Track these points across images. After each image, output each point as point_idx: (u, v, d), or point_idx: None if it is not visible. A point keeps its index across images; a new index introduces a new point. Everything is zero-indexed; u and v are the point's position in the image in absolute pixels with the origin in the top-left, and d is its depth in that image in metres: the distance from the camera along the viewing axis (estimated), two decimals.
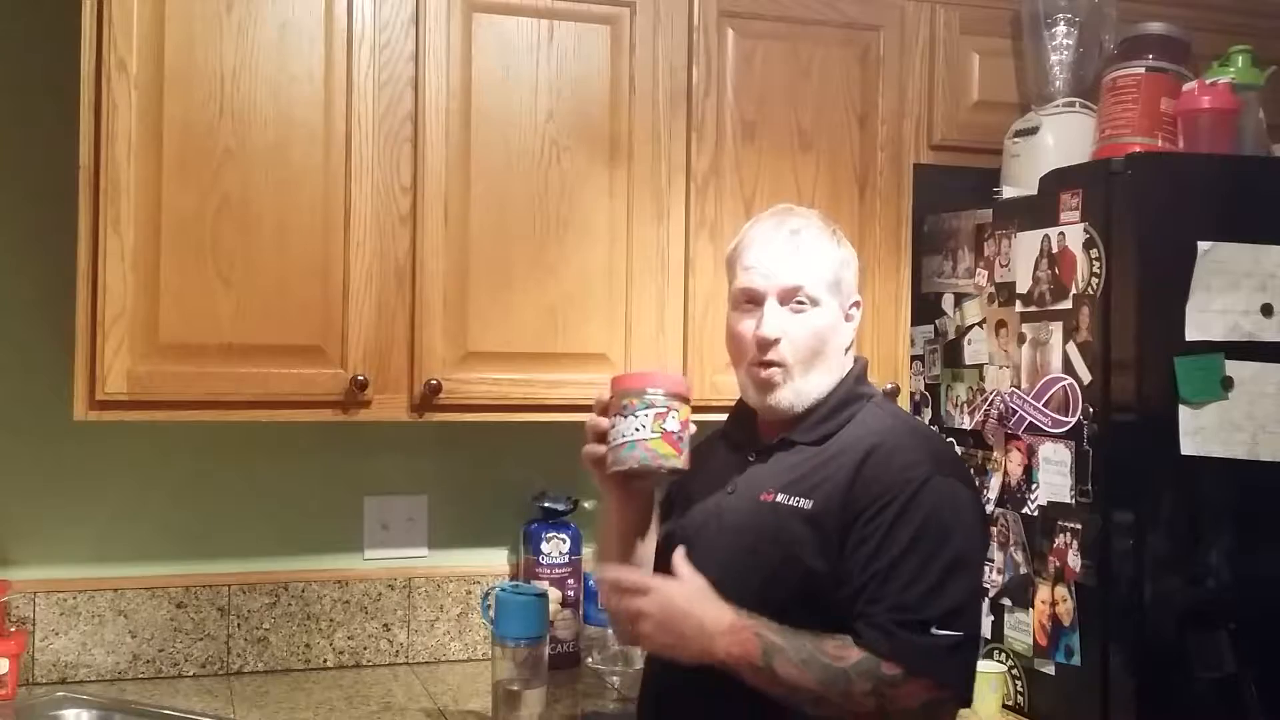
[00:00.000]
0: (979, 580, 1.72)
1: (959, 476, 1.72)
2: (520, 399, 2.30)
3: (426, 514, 2.62)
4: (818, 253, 1.78)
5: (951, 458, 1.80)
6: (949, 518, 1.64)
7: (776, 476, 1.75)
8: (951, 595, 1.62)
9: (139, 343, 2.08)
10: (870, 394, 1.82)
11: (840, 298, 1.79)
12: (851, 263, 1.83)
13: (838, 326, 1.79)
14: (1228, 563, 2.12)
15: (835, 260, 1.79)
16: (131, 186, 2.07)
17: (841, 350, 1.80)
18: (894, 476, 1.65)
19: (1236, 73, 2.27)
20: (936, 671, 1.61)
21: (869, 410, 1.78)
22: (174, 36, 2.10)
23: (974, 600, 1.69)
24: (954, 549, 1.63)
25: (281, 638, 2.51)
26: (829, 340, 1.77)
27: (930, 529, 1.63)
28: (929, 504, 1.64)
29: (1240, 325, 2.12)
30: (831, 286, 1.77)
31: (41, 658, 2.37)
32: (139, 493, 2.45)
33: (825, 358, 1.77)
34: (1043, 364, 2.25)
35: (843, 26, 2.48)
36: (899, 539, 1.62)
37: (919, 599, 1.60)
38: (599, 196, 2.34)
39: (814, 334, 1.75)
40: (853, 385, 1.80)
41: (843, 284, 1.79)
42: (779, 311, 1.75)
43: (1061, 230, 2.22)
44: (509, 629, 2.19)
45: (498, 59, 2.28)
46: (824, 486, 1.69)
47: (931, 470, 1.66)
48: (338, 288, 2.19)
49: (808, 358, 1.75)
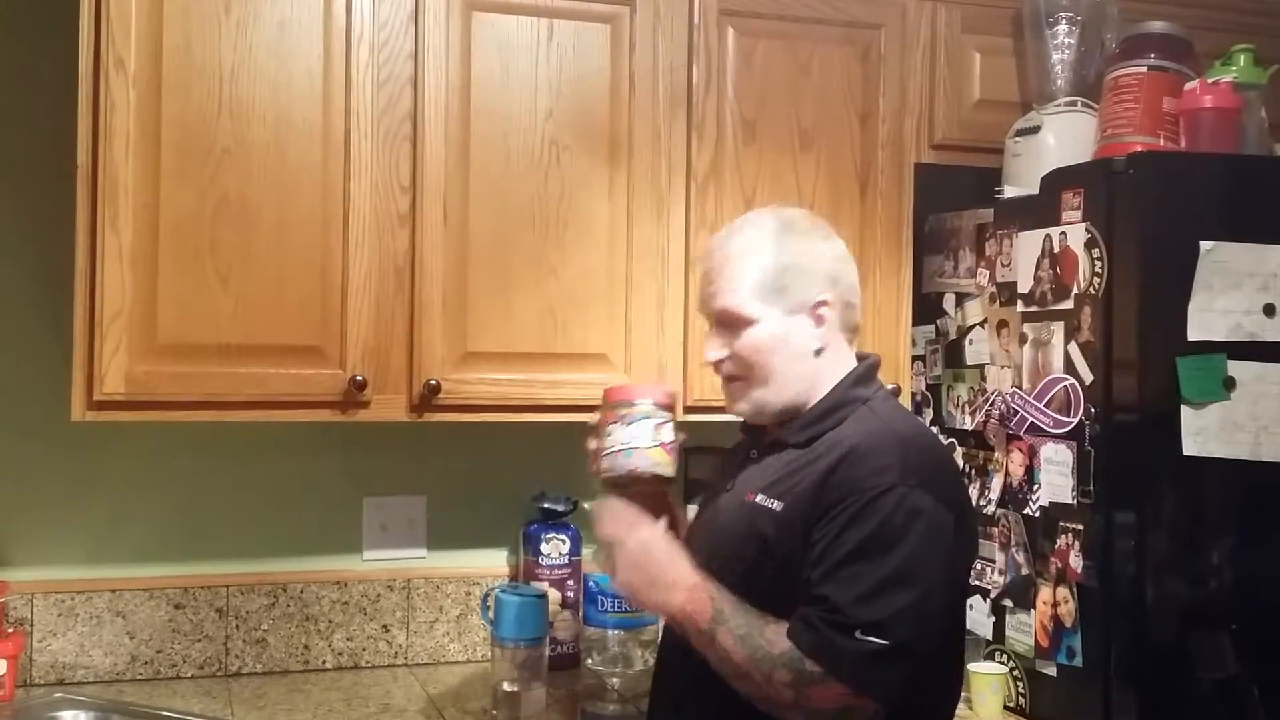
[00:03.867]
0: (925, 596, 1.62)
1: (931, 490, 1.64)
2: (520, 399, 2.29)
3: (426, 515, 2.62)
4: (742, 270, 1.75)
5: (927, 468, 1.69)
6: (901, 529, 1.61)
7: (762, 477, 1.76)
8: (885, 605, 1.58)
9: (137, 343, 2.07)
10: (865, 397, 1.77)
11: (786, 302, 1.74)
12: (803, 263, 1.75)
13: (788, 334, 1.75)
14: (1230, 563, 2.11)
15: (770, 268, 1.74)
16: (129, 185, 2.06)
17: (804, 355, 1.75)
18: (857, 481, 1.64)
19: (1239, 72, 2.26)
20: (852, 677, 1.58)
21: (860, 413, 1.75)
22: (172, 35, 2.09)
23: (911, 614, 1.60)
24: (898, 560, 1.60)
25: (280, 639, 2.50)
26: (777, 350, 1.74)
27: (879, 537, 1.60)
28: (884, 512, 1.61)
29: (1242, 325, 2.11)
30: (769, 296, 1.74)
31: (39, 659, 2.36)
32: (137, 493, 2.44)
33: (777, 368, 1.75)
34: (1044, 364, 2.25)
35: (843, 25, 2.47)
36: (846, 542, 1.61)
37: (851, 602, 1.59)
38: (599, 196, 2.33)
39: (754, 350, 1.75)
40: (848, 388, 1.77)
41: (789, 289, 1.74)
42: (718, 334, 1.78)
43: (1063, 230, 2.21)
44: (508, 630, 2.19)
45: (497, 58, 2.27)
46: (796, 489, 1.69)
47: (896, 479, 1.62)
48: (336, 287, 2.18)
49: (758, 371, 1.75)
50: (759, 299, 1.74)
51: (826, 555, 1.62)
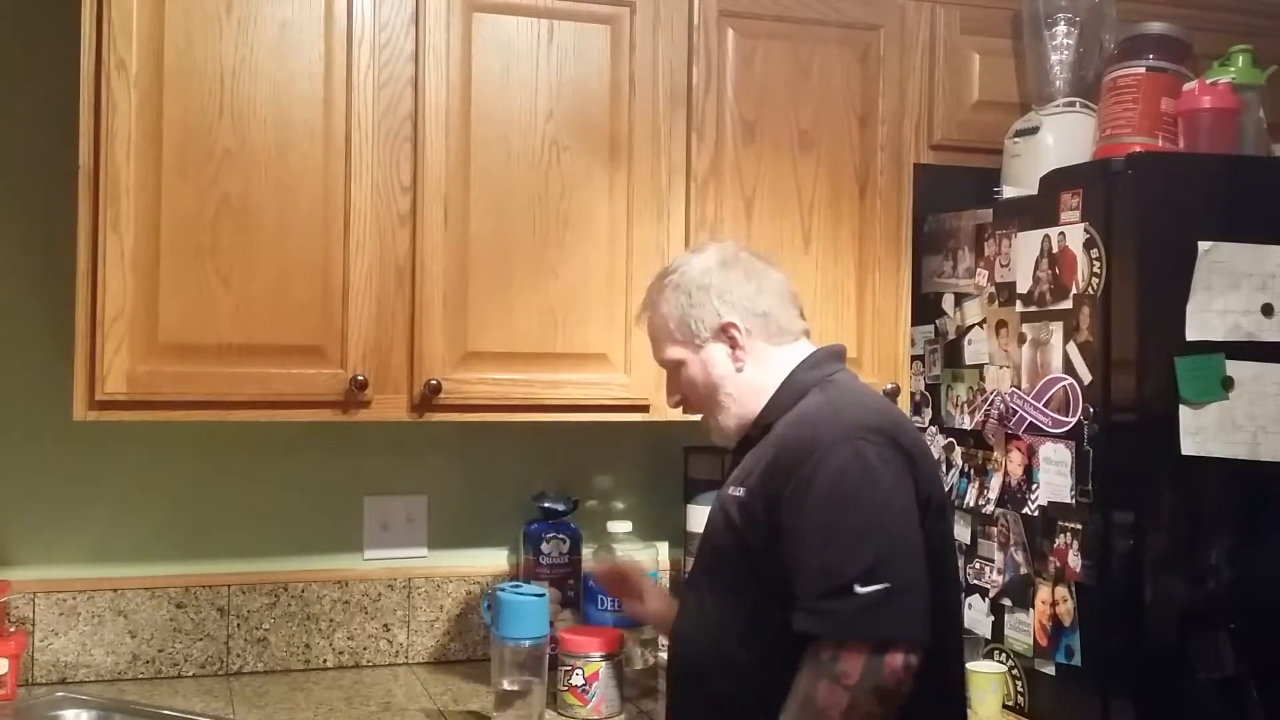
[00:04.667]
0: (902, 530, 1.66)
1: (873, 439, 1.68)
2: (520, 399, 2.30)
3: (426, 514, 2.62)
4: (654, 326, 1.93)
5: (862, 418, 1.73)
6: (852, 478, 1.65)
7: (735, 472, 1.85)
8: (867, 551, 1.62)
9: (138, 343, 2.08)
10: (818, 379, 1.83)
11: (695, 337, 1.87)
12: (693, 301, 1.87)
13: (708, 364, 1.86)
14: (1228, 563, 2.12)
15: (670, 314, 1.89)
16: (131, 186, 2.07)
17: (729, 376, 1.86)
18: (799, 452, 1.70)
19: (1237, 72, 2.27)
20: (872, 628, 1.60)
21: (813, 393, 1.81)
22: (173, 36, 2.10)
23: (899, 550, 1.64)
24: (860, 507, 1.64)
25: (281, 638, 2.50)
26: (707, 380, 1.87)
27: (832, 494, 1.65)
28: (830, 472, 1.66)
29: (1241, 325, 2.11)
30: (680, 338, 1.88)
31: (41, 658, 2.37)
32: (138, 493, 2.44)
33: (716, 395, 1.87)
34: (1043, 364, 2.25)
35: (843, 26, 2.48)
36: (807, 515, 1.66)
37: (833, 564, 1.62)
38: (599, 196, 2.34)
39: (693, 387, 1.89)
40: (800, 374, 1.85)
41: (691, 324, 1.86)
42: (669, 380, 1.94)
43: (1062, 230, 2.22)
44: (508, 629, 2.19)
45: (498, 59, 2.28)
46: (754, 472, 1.77)
47: (833, 439, 1.68)
48: (337, 288, 2.19)
49: (704, 403, 1.89)
50: (675, 343, 1.89)
51: (795, 535, 1.67)
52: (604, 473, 2.71)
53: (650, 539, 2.67)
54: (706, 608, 1.83)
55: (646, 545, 2.64)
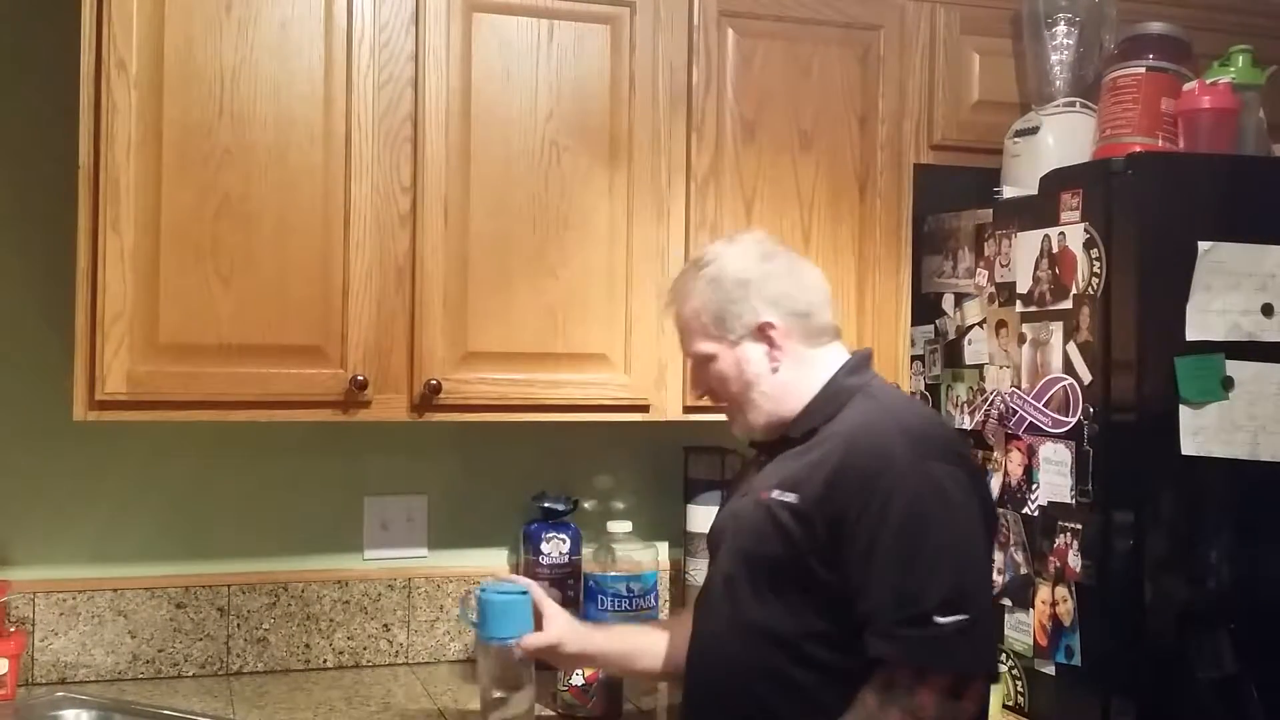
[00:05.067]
0: (976, 556, 1.70)
1: (939, 458, 1.70)
2: (520, 399, 2.30)
3: (426, 514, 2.62)
4: (685, 317, 1.88)
5: (930, 440, 1.73)
6: (928, 504, 1.64)
7: (774, 475, 1.81)
8: (944, 580, 1.61)
9: (139, 343, 2.08)
10: (859, 385, 1.82)
11: (729, 333, 1.83)
12: (733, 295, 1.83)
13: (742, 361, 1.83)
14: (1228, 563, 2.12)
15: (704, 308, 1.84)
16: (131, 186, 2.07)
17: (763, 375, 1.83)
18: (868, 472, 1.67)
19: (1237, 72, 2.27)
20: (951, 661, 1.61)
21: (858, 400, 1.79)
22: (174, 36, 2.10)
23: (973, 578, 1.67)
24: (938, 534, 1.64)
25: (281, 638, 2.50)
26: (737, 378, 1.84)
27: (910, 521, 1.63)
28: (907, 496, 1.64)
29: (1241, 325, 2.11)
30: (714, 333, 1.84)
31: (41, 658, 2.37)
32: (139, 493, 2.44)
33: (744, 393, 1.84)
34: (1043, 364, 2.25)
35: (843, 26, 2.48)
36: (882, 538, 1.64)
37: (912, 593, 1.61)
38: (599, 196, 2.34)
39: (721, 382, 1.86)
40: (840, 380, 1.83)
41: (727, 318, 1.83)
42: (695, 372, 1.90)
43: (1062, 230, 2.22)
44: (492, 629, 2.06)
45: (498, 59, 2.28)
46: (808, 480, 1.73)
47: (904, 461, 1.66)
48: (337, 288, 2.19)
49: (732, 399, 1.86)
50: (707, 337, 1.85)
51: (870, 559, 1.64)
52: (604, 473, 2.71)
53: (650, 539, 2.67)
54: (747, 615, 1.77)
55: (646, 545, 2.64)
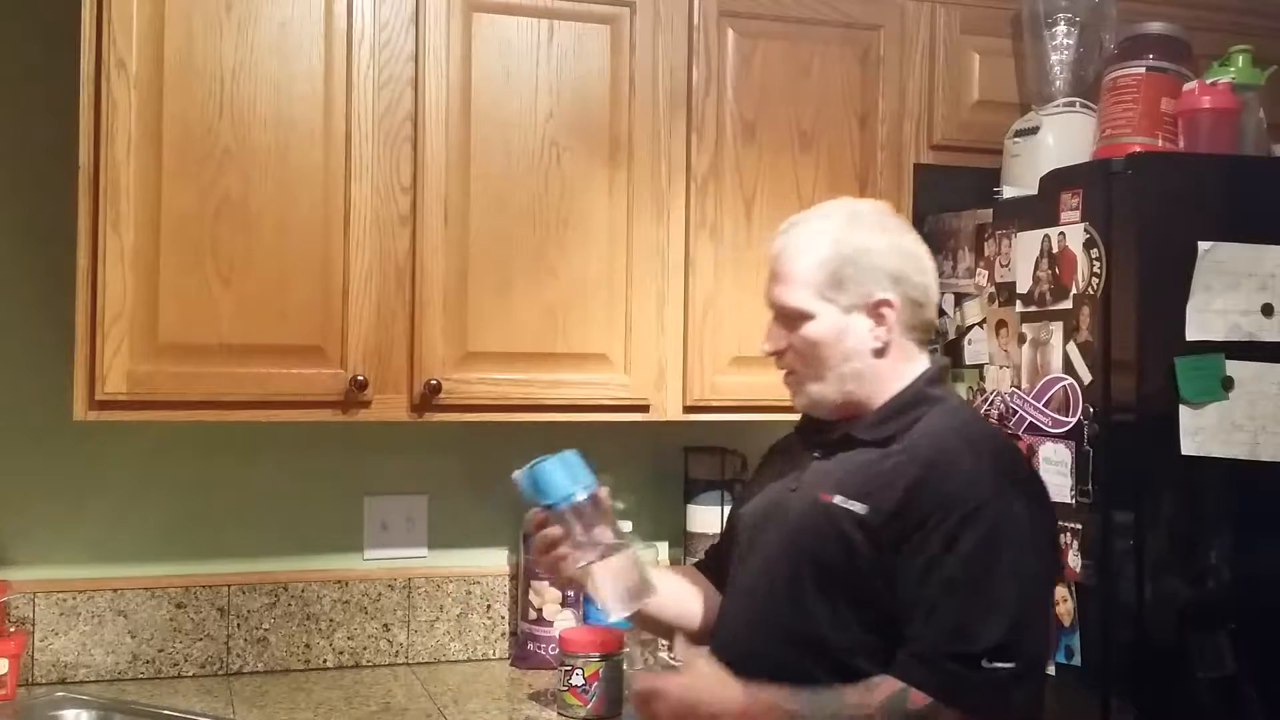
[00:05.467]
0: (1040, 606, 1.64)
1: (1024, 494, 1.64)
2: (520, 399, 2.30)
3: (426, 514, 2.62)
4: (801, 265, 1.73)
5: (1017, 474, 1.69)
6: (1004, 543, 1.58)
7: (836, 476, 1.72)
8: (1002, 624, 1.56)
9: (139, 343, 2.08)
10: (940, 397, 1.75)
11: (845, 298, 1.71)
12: (863, 259, 1.71)
13: (843, 331, 1.72)
14: (1228, 563, 2.11)
15: (829, 263, 1.71)
16: (131, 186, 2.07)
17: (861, 353, 1.72)
18: (950, 495, 1.60)
19: (1237, 73, 2.27)
20: (989, 708, 1.56)
21: (937, 414, 1.71)
22: (173, 36, 2.10)
23: (1032, 628, 1.60)
24: (1006, 575, 1.57)
25: (281, 638, 2.50)
26: (832, 346, 1.72)
27: (982, 555, 1.57)
28: (983, 529, 1.57)
29: (1240, 325, 2.11)
30: (826, 290, 1.71)
31: (41, 658, 2.37)
32: (139, 493, 2.44)
33: (831, 364, 1.72)
34: (1043, 364, 2.25)
35: (843, 26, 2.48)
36: (949, 564, 1.57)
37: (968, 629, 1.56)
38: (599, 196, 2.34)
39: (810, 346, 1.73)
40: (922, 387, 1.74)
41: (846, 284, 1.71)
42: (777, 326, 1.77)
43: (1062, 230, 2.21)
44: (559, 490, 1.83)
45: (498, 59, 2.28)
46: (880, 493, 1.65)
47: (990, 492, 1.60)
48: (337, 288, 2.19)
49: (812, 366, 1.74)
50: (815, 294, 1.72)
51: (930, 579, 1.59)
52: (604, 473, 2.70)
53: (650, 539, 2.67)
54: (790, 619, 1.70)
55: (646, 545, 2.64)
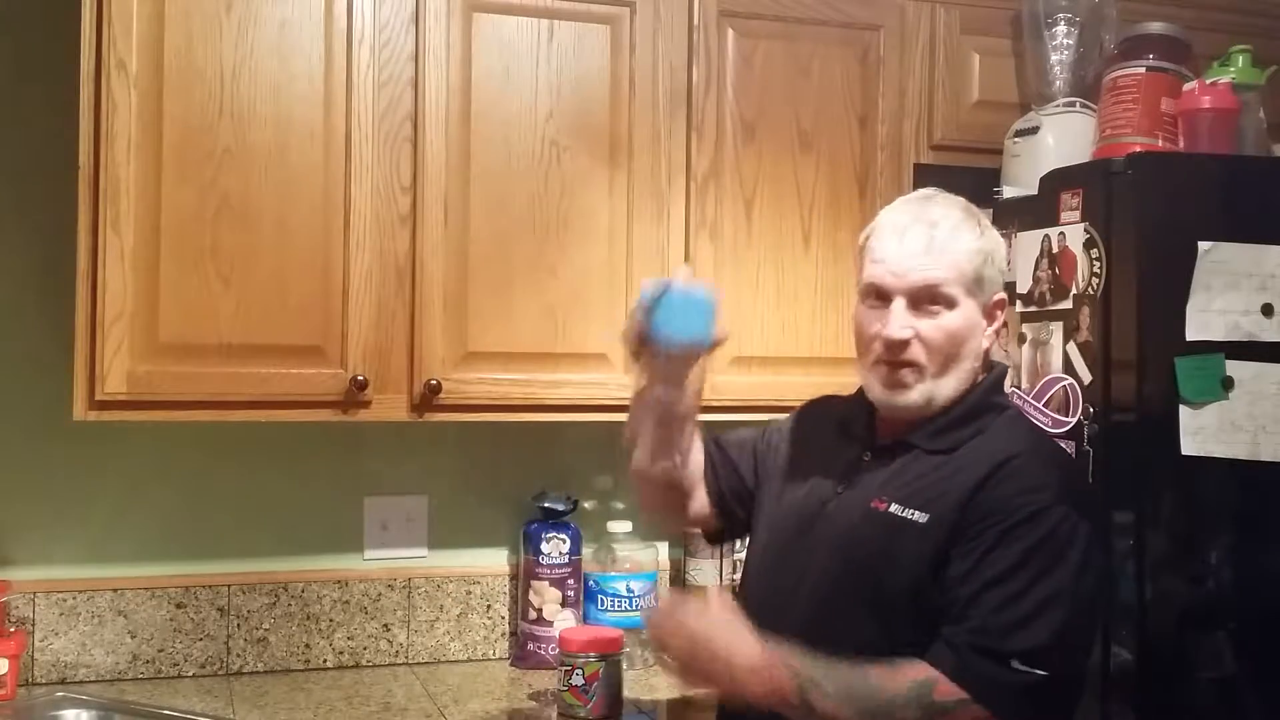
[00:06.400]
0: (1082, 622, 1.60)
1: (1085, 512, 1.61)
2: (520, 399, 2.30)
3: (426, 514, 2.62)
4: (956, 248, 1.65)
5: (1081, 490, 1.66)
6: (1058, 549, 1.55)
7: (892, 483, 1.67)
8: (1041, 630, 1.53)
9: (138, 343, 2.08)
10: (1004, 405, 1.73)
11: (981, 296, 1.67)
12: (997, 257, 1.69)
13: (976, 328, 1.67)
14: (1228, 563, 2.12)
15: (976, 255, 1.66)
16: (131, 186, 2.07)
17: (978, 353, 1.69)
18: (1012, 497, 1.57)
19: (1237, 73, 2.27)
20: (1005, 710, 1.53)
21: (1002, 423, 1.69)
22: (173, 36, 2.10)
23: (1067, 640, 1.56)
24: (1056, 582, 1.54)
25: (281, 638, 2.50)
26: (966, 342, 1.66)
27: (1034, 557, 1.54)
28: (1041, 531, 1.55)
29: (1241, 325, 2.11)
30: (970, 285, 1.66)
31: (41, 658, 2.37)
32: (138, 493, 2.44)
33: (960, 361, 1.67)
34: (1043, 364, 2.25)
35: (843, 26, 2.48)
36: (998, 560, 1.54)
37: (1005, 627, 1.53)
38: (599, 196, 2.34)
39: (948, 337, 1.65)
40: (986, 394, 1.71)
41: (985, 281, 1.67)
42: (908, 312, 1.66)
43: (1062, 230, 2.22)
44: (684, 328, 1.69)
45: (498, 59, 2.28)
46: (942, 500, 1.61)
47: (1054, 499, 1.57)
48: (337, 288, 2.19)
49: (942, 360, 1.66)
50: (962, 284, 1.66)
51: (975, 573, 1.55)
52: (604, 473, 2.71)
53: (650, 539, 2.67)
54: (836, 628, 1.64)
55: (646, 545, 2.65)
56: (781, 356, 2.44)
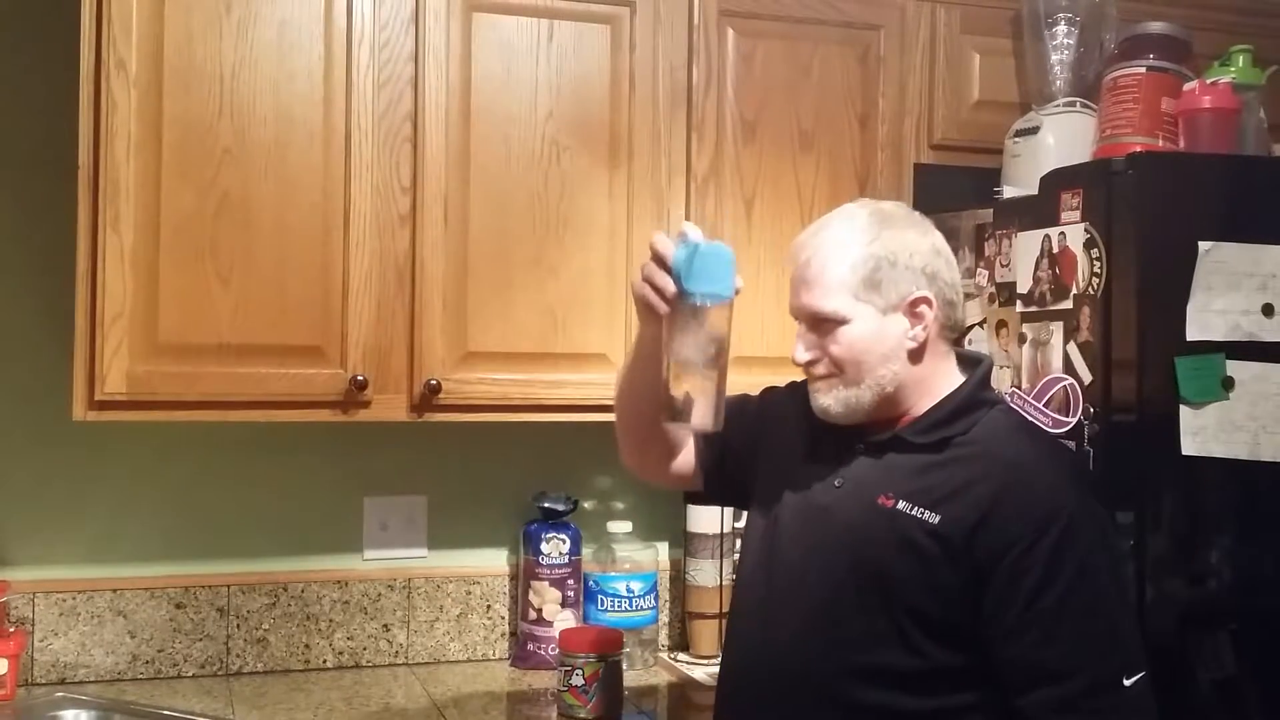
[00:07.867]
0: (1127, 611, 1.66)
1: (1091, 493, 1.67)
2: (520, 399, 2.30)
3: (426, 514, 2.62)
4: (834, 265, 1.68)
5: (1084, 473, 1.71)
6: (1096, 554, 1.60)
7: (894, 479, 1.68)
8: (1125, 639, 1.58)
9: (138, 343, 2.08)
10: (993, 400, 1.76)
11: (882, 299, 1.68)
12: (898, 258, 1.68)
13: (882, 333, 1.68)
14: (1228, 563, 2.11)
15: (866, 263, 1.67)
16: (130, 186, 2.07)
17: (898, 355, 1.69)
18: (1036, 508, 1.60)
19: (1237, 72, 2.26)
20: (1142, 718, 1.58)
21: (993, 418, 1.70)
22: (173, 35, 2.10)
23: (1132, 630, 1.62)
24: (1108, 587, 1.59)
25: (281, 638, 2.50)
26: (871, 349, 1.68)
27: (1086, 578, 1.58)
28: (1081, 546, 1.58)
29: (1241, 325, 2.11)
30: (862, 293, 1.67)
31: (41, 658, 2.37)
32: (138, 493, 2.44)
33: (875, 367, 1.68)
34: (1043, 364, 2.25)
35: (843, 26, 2.48)
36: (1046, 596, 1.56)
37: (1102, 657, 1.56)
38: (599, 196, 2.34)
39: (847, 349, 1.68)
40: (974, 389, 1.73)
41: (883, 285, 1.67)
42: (808, 333, 1.72)
43: (1062, 230, 2.21)
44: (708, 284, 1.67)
45: (497, 58, 2.28)
46: (953, 502, 1.62)
47: (1073, 500, 1.61)
48: (337, 287, 2.19)
49: (854, 370, 1.69)
50: (851, 296, 1.68)
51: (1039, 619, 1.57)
52: (604, 473, 2.71)
53: (650, 539, 2.67)
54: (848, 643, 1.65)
55: (646, 545, 2.65)
56: (781, 357, 2.40)
